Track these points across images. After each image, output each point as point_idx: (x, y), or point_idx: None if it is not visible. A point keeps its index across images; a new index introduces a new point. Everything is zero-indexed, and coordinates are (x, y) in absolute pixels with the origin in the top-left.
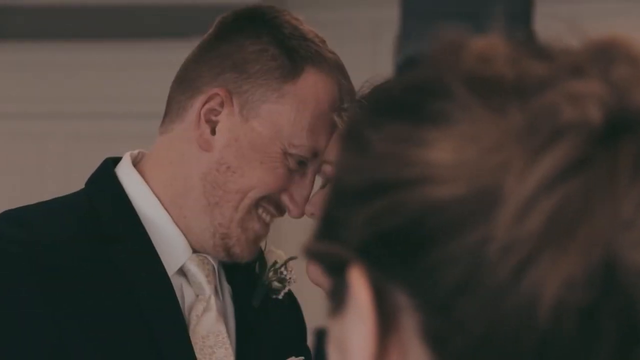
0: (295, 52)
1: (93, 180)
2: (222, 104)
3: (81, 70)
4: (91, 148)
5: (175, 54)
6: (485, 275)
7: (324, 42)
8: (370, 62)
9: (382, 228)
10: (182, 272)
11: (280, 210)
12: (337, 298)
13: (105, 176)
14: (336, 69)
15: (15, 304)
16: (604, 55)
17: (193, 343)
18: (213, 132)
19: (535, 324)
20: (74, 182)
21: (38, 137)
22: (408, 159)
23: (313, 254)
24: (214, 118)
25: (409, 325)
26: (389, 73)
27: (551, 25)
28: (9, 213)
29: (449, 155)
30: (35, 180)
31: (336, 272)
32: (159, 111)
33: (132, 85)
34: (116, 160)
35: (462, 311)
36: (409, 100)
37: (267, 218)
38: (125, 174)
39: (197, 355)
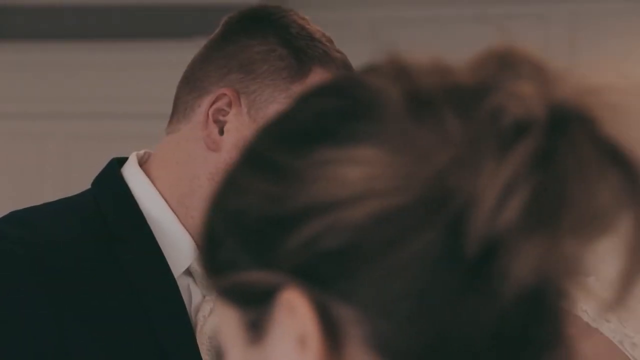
0: (302, 52)
1: (99, 181)
2: (230, 104)
3: (81, 70)
4: (91, 148)
5: (175, 54)
6: (436, 280)
7: (331, 41)
8: (370, 62)
9: (322, 248)
10: (189, 272)
11: None
12: (258, 327)
13: (111, 176)
14: (344, 69)
15: (17, 305)
16: (509, 67)
17: (200, 344)
18: (221, 132)
19: (492, 320)
20: (74, 182)
21: (38, 137)
22: (342, 179)
23: (227, 291)
24: (222, 118)
25: (357, 336)
26: None
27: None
28: (14, 214)
29: (381, 169)
30: (35, 181)
31: (258, 301)
32: (159, 111)
33: (132, 85)
34: (122, 161)
35: (409, 316)
36: (330, 122)
37: None
38: (131, 174)
39: (204, 356)
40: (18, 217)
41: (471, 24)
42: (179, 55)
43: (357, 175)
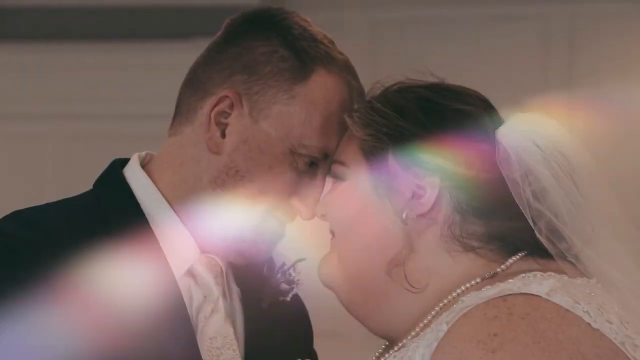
0: (305, 53)
1: (101, 181)
2: (231, 106)
3: (81, 70)
4: (91, 149)
5: (175, 55)
6: None
7: (332, 42)
8: (370, 62)
9: None
10: (190, 273)
11: (292, 219)
12: None
13: (113, 177)
14: (346, 70)
15: (21, 303)
16: None
17: (200, 344)
18: (223, 134)
19: None
20: (74, 182)
21: (38, 137)
22: None
23: None
24: (223, 120)
25: None
26: (389, 74)
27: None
28: (18, 213)
29: None
30: (35, 181)
31: None
32: (159, 112)
33: (132, 86)
34: (124, 162)
35: None
36: None
37: (284, 218)
38: (134, 175)
39: (204, 356)
40: (22, 217)
41: (471, 24)
42: (179, 56)
43: None
